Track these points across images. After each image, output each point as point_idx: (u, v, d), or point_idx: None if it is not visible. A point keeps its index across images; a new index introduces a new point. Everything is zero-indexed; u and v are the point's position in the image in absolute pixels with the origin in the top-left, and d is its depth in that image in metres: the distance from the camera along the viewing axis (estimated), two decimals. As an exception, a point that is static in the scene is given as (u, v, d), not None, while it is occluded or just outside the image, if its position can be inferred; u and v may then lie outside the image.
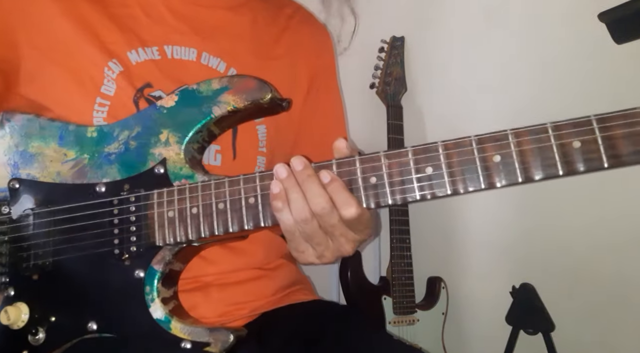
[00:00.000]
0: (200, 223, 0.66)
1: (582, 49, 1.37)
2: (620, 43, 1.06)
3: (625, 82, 1.30)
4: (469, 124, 1.58)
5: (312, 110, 0.98)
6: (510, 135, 0.58)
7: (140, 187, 0.70)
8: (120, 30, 0.79)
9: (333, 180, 0.60)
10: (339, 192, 0.60)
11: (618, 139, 0.55)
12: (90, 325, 0.68)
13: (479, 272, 1.62)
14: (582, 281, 1.40)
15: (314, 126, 0.98)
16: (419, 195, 0.60)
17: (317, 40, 1.02)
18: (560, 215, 1.43)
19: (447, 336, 1.60)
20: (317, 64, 1.00)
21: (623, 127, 0.55)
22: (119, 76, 0.77)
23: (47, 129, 0.76)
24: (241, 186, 0.65)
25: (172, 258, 0.68)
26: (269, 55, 0.92)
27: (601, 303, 1.37)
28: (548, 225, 1.45)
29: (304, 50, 0.97)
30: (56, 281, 0.71)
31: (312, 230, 0.61)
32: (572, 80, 1.39)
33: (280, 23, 0.97)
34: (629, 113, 0.55)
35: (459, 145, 0.60)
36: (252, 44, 0.90)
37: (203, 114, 0.72)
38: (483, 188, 0.58)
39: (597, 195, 1.34)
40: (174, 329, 0.65)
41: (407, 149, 0.61)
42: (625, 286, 1.34)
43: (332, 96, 1.04)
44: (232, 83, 0.72)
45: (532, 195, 1.43)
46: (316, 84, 0.99)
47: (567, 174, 0.56)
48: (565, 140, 0.56)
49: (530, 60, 1.48)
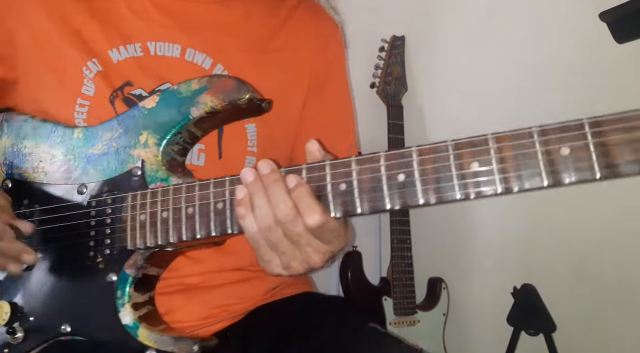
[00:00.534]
0: (169, 228, 0.64)
1: (583, 48, 1.35)
2: (621, 42, 1.03)
3: (626, 82, 1.26)
4: (469, 124, 1.55)
5: (316, 109, 0.92)
6: (491, 140, 0.52)
7: (118, 189, 0.70)
8: (102, 27, 0.78)
9: (299, 185, 0.56)
10: (303, 198, 0.56)
11: (613, 146, 0.48)
12: (64, 327, 0.67)
13: (480, 272, 1.61)
14: (583, 281, 1.38)
15: (316, 125, 0.92)
16: (389, 204, 0.55)
17: (323, 33, 0.96)
18: (561, 215, 1.39)
19: (448, 337, 1.59)
20: (322, 59, 0.93)
21: (620, 132, 0.48)
22: (97, 76, 0.76)
23: (38, 130, 0.77)
24: (210, 190, 0.63)
25: (145, 263, 0.67)
26: (264, 49, 0.87)
27: (602, 304, 1.35)
28: (549, 226, 1.42)
29: (307, 44, 0.92)
30: (37, 281, 0.71)
31: (276, 238, 0.58)
32: (573, 80, 1.36)
33: (280, 14, 0.92)
34: (627, 116, 0.48)
35: (434, 151, 0.54)
36: (243, 38, 0.85)
37: (181, 115, 0.70)
38: (458, 198, 0.53)
39: (598, 195, 1.28)
40: (140, 336, 0.63)
41: (379, 154, 0.56)
42: (627, 286, 1.31)
43: (338, 94, 0.98)
44: (211, 83, 0.70)
45: (533, 195, 1.37)
46: (320, 80, 0.93)
47: (553, 184, 0.49)
48: (552, 147, 0.50)
49: (531, 60, 1.45)
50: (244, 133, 0.82)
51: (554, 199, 1.33)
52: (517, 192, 0.50)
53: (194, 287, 0.78)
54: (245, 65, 0.71)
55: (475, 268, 1.61)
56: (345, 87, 1.00)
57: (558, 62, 1.39)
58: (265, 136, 0.84)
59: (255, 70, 0.72)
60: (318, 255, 0.59)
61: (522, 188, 0.50)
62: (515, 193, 0.51)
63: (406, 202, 0.54)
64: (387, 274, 1.61)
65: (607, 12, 1.02)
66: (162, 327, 0.66)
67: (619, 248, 1.32)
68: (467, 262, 1.63)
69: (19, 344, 0.69)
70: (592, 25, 1.11)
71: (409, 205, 0.55)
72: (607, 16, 1.02)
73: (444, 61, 1.66)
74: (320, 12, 1.00)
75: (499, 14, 1.53)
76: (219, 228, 0.62)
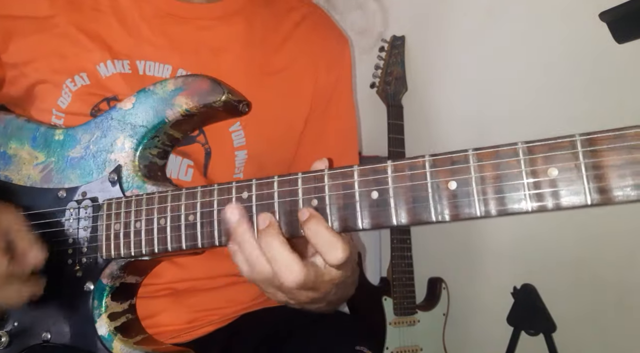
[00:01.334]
0: (142, 239, 0.62)
1: (583, 48, 1.32)
2: (621, 42, 1.01)
3: (626, 81, 1.22)
4: (469, 123, 1.54)
5: (317, 129, 0.86)
6: (472, 157, 0.47)
7: (96, 195, 0.68)
8: (91, 41, 0.74)
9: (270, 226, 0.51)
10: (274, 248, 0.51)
11: (609, 168, 0.42)
12: (45, 334, 0.67)
13: (480, 272, 1.59)
14: (583, 281, 1.37)
15: (317, 145, 0.86)
16: (362, 224, 0.51)
17: (328, 51, 0.88)
18: (561, 215, 1.32)
19: (448, 337, 1.59)
20: (327, 80, 0.86)
21: (618, 152, 0.42)
22: (81, 89, 0.73)
23: (23, 130, 0.76)
24: (182, 202, 0.60)
25: (121, 272, 0.65)
26: (264, 69, 0.81)
27: (602, 304, 1.34)
28: (549, 225, 1.39)
29: (311, 64, 0.85)
30: (21, 286, 0.71)
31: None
32: (573, 80, 1.34)
33: (283, 30, 0.84)
34: (625, 134, 0.41)
35: (411, 167, 0.49)
36: (242, 58, 0.79)
37: (157, 118, 0.67)
38: (434, 220, 0.48)
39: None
40: (115, 349, 0.62)
41: (353, 169, 0.52)
42: (627, 286, 1.30)
43: (342, 112, 0.90)
44: (187, 84, 0.66)
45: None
46: (323, 100, 0.86)
47: (537, 210, 0.44)
48: (538, 167, 0.44)
49: (531, 60, 1.42)
50: (233, 160, 0.78)
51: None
52: (496, 215, 0.45)
53: (180, 291, 0.76)
54: (241, 89, 0.66)
55: (475, 268, 1.59)
56: (349, 103, 0.93)
57: (558, 62, 1.37)
58: (255, 164, 0.79)
59: (253, 94, 0.67)
60: (325, 285, 0.55)
61: (503, 212, 0.45)
62: (494, 217, 0.45)
63: (379, 222, 0.50)
64: (387, 274, 1.60)
65: (607, 12, 0.99)
66: (138, 338, 0.65)
67: (619, 248, 1.30)
68: (467, 262, 1.61)
69: (3, 349, 0.70)
70: (592, 25, 1.08)
71: (381, 225, 0.50)
72: (607, 16, 0.99)
73: (444, 61, 1.64)
74: (327, 27, 0.91)
75: (499, 14, 1.50)
76: (189, 242, 0.59)
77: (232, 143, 0.77)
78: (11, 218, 0.64)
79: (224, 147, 0.76)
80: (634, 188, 0.41)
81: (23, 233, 0.63)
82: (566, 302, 1.36)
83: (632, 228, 1.23)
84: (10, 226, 0.63)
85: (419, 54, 1.70)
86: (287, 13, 0.86)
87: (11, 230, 0.62)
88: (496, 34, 1.52)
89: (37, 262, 0.63)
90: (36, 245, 0.63)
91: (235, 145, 0.77)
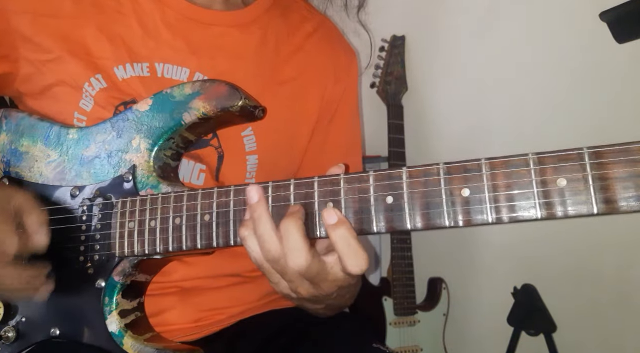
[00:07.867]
0: (157, 238, 0.63)
1: (583, 48, 1.32)
2: (621, 42, 1.00)
3: (627, 81, 1.24)
4: (470, 123, 1.55)
5: (322, 141, 0.89)
6: (484, 165, 0.49)
7: (109, 194, 0.69)
8: (110, 43, 0.75)
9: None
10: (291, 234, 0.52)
11: (614, 179, 0.45)
12: (54, 330, 0.68)
13: (480, 272, 1.60)
14: (583, 281, 1.37)
15: (321, 158, 0.89)
16: (376, 227, 0.53)
17: (337, 63, 0.91)
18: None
19: (448, 337, 1.59)
20: (334, 91, 0.89)
21: (622, 166, 0.44)
22: (100, 93, 0.74)
23: (36, 128, 0.77)
24: (198, 201, 0.62)
25: (133, 270, 0.66)
26: (275, 78, 0.83)
27: (603, 304, 1.34)
28: (549, 226, 1.37)
29: (319, 75, 0.87)
30: (30, 282, 0.71)
31: (281, 267, 0.54)
32: (573, 79, 1.34)
33: (295, 41, 0.87)
34: (631, 148, 0.44)
35: (425, 173, 0.52)
36: (255, 65, 0.82)
37: (173, 120, 0.69)
38: (448, 225, 0.50)
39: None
40: (125, 345, 0.63)
41: (369, 174, 0.54)
42: (627, 286, 1.30)
43: (347, 127, 0.93)
44: (204, 88, 0.68)
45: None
46: (330, 110, 0.89)
47: (547, 217, 0.47)
48: (548, 177, 0.47)
49: (530, 60, 1.43)
50: (244, 164, 0.79)
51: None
52: (507, 222, 0.48)
53: (187, 290, 0.77)
54: (255, 95, 0.68)
55: (475, 268, 1.60)
56: (355, 114, 0.96)
57: (558, 61, 1.37)
58: (266, 168, 0.81)
59: (264, 101, 0.69)
60: (327, 284, 0.56)
61: (513, 219, 0.48)
62: (506, 223, 0.48)
63: (393, 225, 0.52)
64: (387, 274, 1.60)
65: (607, 12, 0.98)
66: (148, 336, 0.66)
67: (619, 248, 1.30)
68: (467, 262, 1.62)
69: (10, 344, 0.70)
70: (592, 25, 1.08)
71: (395, 229, 0.52)
72: (607, 16, 0.98)
73: (444, 61, 1.64)
74: (336, 39, 0.95)
75: (499, 14, 1.51)
76: (204, 241, 0.61)
77: (244, 147, 0.79)
78: (23, 200, 0.65)
79: (236, 151, 0.78)
80: (636, 199, 0.44)
81: (34, 215, 0.64)
82: (566, 302, 1.37)
83: (632, 229, 1.25)
84: (22, 207, 0.64)
85: (419, 54, 1.71)
86: (300, 24, 0.89)
87: (23, 211, 0.64)
88: (496, 33, 1.52)
89: (41, 244, 0.64)
90: (44, 228, 0.64)
91: (246, 150, 0.79)
